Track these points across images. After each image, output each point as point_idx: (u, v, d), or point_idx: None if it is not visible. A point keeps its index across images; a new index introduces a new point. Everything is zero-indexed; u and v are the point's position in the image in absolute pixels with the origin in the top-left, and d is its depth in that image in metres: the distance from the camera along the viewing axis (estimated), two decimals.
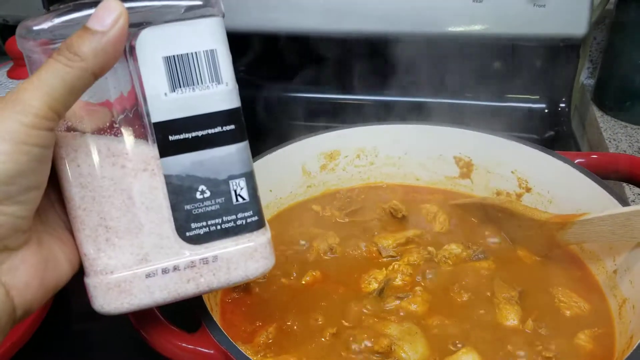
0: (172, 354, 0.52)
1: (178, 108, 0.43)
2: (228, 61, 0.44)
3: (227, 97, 0.44)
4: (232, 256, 0.46)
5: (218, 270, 0.46)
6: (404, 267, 0.66)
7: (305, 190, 0.80)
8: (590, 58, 1.20)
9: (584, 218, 0.61)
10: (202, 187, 0.45)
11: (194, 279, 0.46)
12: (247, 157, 0.46)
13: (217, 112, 0.44)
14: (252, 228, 0.47)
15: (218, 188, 0.45)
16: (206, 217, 0.45)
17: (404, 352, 0.56)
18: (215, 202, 0.45)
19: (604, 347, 0.58)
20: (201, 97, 0.43)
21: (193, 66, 0.43)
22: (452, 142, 0.78)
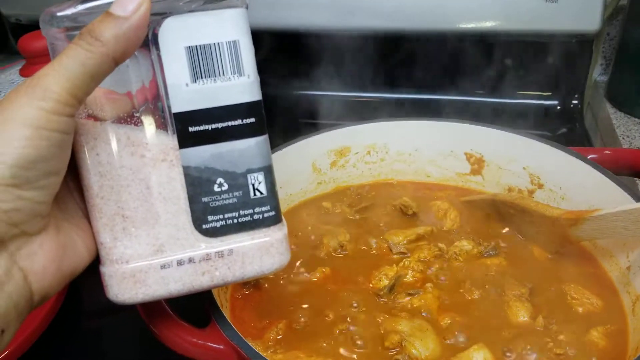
0: (182, 349, 0.52)
1: (199, 99, 0.43)
2: (250, 53, 0.44)
3: (249, 89, 0.44)
4: (247, 250, 0.46)
5: (233, 264, 0.46)
6: (415, 264, 0.66)
7: (316, 187, 0.80)
8: (604, 54, 1.19)
9: (596, 214, 0.60)
10: (220, 179, 0.44)
11: (209, 272, 0.46)
12: (267, 151, 0.46)
13: (237, 105, 0.43)
14: (269, 223, 0.46)
15: (236, 181, 0.45)
16: (223, 210, 0.45)
17: (414, 348, 0.56)
18: (233, 196, 0.45)
19: (617, 344, 0.57)
20: (222, 88, 0.43)
21: (215, 57, 0.42)
22: (463, 138, 0.78)
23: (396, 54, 1.11)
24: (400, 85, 1.14)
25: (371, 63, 1.13)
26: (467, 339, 0.57)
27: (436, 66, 1.11)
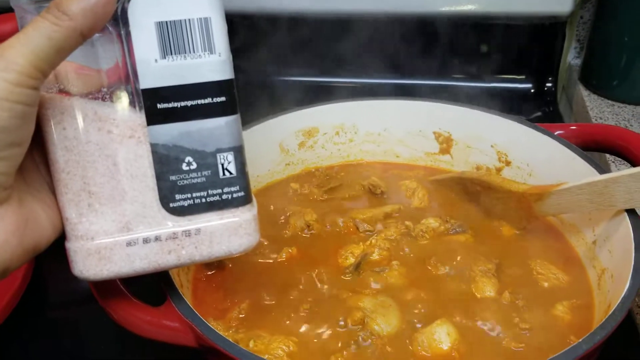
0: (137, 328, 0.51)
1: (168, 75, 0.42)
2: (222, 31, 0.43)
3: (220, 67, 0.43)
4: (215, 230, 0.45)
5: (200, 243, 0.46)
6: (381, 242, 0.65)
7: (284, 169, 0.79)
8: (578, 38, 1.19)
9: (561, 187, 0.60)
10: (188, 158, 0.44)
11: (175, 250, 0.45)
12: (237, 131, 0.45)
13: (208, 83, 0.43)
14: (237, 203, 0.46)
15: (205, 160, 0.44)
16: (191, 189, 0.44)
17: (376, 324, 0.55)
18: (202, 175, 0.44)
19: (583, 318, 0.57)
20: (192, 66, 0.42)
21: (186, 33, 0.42)
22: (432, 117, 0.77)
23: (369, 38, 1.10)
24: (373, 69, 1.13)
25: (345, 47, 1.12)
26: (431, 314, 0.57)
27: (409, 50, 1.10)
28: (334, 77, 1.16)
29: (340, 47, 1.12)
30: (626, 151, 0.64)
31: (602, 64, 1.07)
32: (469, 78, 1.12)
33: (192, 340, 0.50)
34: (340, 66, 1.15)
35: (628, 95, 1.05)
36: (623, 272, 0.53)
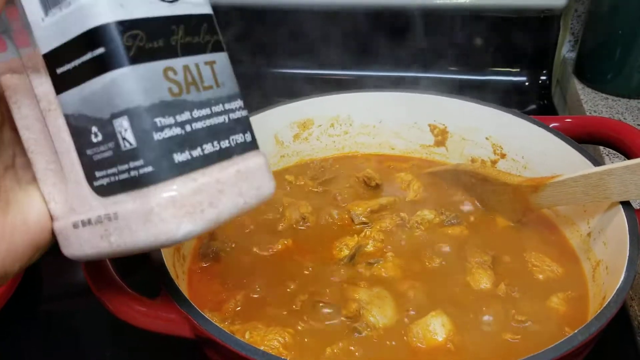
0: (132, 319, 0.51)
1: (55, 34, 0.36)
2: None
3: (91, 12, 0.35)
4: (130, 215, 0.37)
5: (122, 230, 0.38)
6: (376, 234, 0.65)
7: (279, 160, 0.78)
8: (572, 31, 1.19)
9: (556, 180, 0.60)
10: (94, 127, 0.37)
11: (105, 236, 0.39)
12: (133, 89, 0.36)
13: (86, 33, 0.35)
14: (145, 182, 0.36)
15: (105, 129, 0.37)
16: (104, 165, 0.38)
17: (372, 316, 0.55)
18: (108, 147, 0.37)
19: (578, 309, 0.57)
20: (69, 17, 0.36)
21: None
22: (427, 110, 0.77)
23: (365, 31, 1.10)
24: (369, 62, 1.13)
25: (339, 40, 1.12)
26: (426, 306, 0.57)
27: (404, 43, 1.10)
28: (326, 70, 1.16)
29: (333, 39, 1.11)
30: (620, 144, 0.64)
31: (596, 58, 1.07)
32: (464, 71, 1.12)
33: (188, 331, 0.50)
34: (333, 59, 1.15)
35: (622, 89, 1.05)
36: (617, 264, 0.53)
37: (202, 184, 0.38)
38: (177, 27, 0.38)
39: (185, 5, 0.39)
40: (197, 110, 0.38)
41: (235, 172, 0.40)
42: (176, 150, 0.37)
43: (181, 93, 0.38)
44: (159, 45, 0.37)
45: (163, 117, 0.37)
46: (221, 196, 0.39)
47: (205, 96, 0.39)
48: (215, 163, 0.39)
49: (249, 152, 0.41)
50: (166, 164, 0.36)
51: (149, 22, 0.37)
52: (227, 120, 0.40)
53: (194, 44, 0.39)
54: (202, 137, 0.38)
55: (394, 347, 0.54)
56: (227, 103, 0.40)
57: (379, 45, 1.11)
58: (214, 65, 0.40)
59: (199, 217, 0.37)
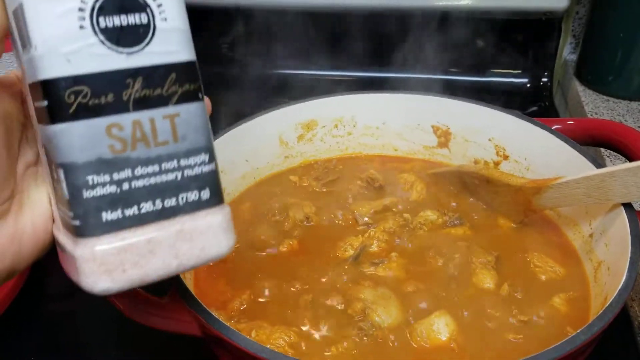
0: (142, 318, 0.51)
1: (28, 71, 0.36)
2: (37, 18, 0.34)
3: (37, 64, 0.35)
4: (68, 254, 0.38)
5: (66, 263, 0.39)
6: (380, 234, 0.66)
7: (283, 161, 0.79)
8: (573, 33, 1.20)
9: (559, 182, 0.60)
10: (52, 166, 0.37)
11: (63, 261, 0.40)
12: (68, 145, 0.35)
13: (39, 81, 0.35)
14: (75, 232, 0.37)
15: (55, 173, 0.37)
16: (57, 199, 0.38)
17: (377, 315, 0.56)
18: (57, 187, 0.37)
19: (579, 310, 0.58)
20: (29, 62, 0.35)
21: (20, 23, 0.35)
22: (430, 111, 0.78)
23: (367, 32, 1.11)
24: (372, 63, 1.14)
25: (343, 41, 1.13)
26: (430, 306, 0.57)
27: (407, 44, 1.10)
28: (331, 71, 1.16)
29: (337, 40, 1.12)
30: (622, 146, 0.65)
31: (598, 60, 1.08)
32: (466, 72, 1.13)
33: (197, 330, 0.51)
34: (336, 59, 1.15)
35: (623, 91, 1.06)
36: (619, 265, 0.54)
37: (128, 244, 0.37)
38: (134, 80, 0.36)
39: (150, 56, 0.37)
40: (142, 168, 0.37)
41: (175, 232, 0.38)
42: (106, 209, 0.36)
43: (125, 150, 0.36)
44: (107, 100, 0.36)
45: (97, 175, 0.36)
46: (150, 257, 0.38)
47: (156, 152, 0.37)
48: (152, 222, 0.38)
49: (202, 211, 0.39)
50: (93, 222, 0.36)
51: (98, 76, 0.35)
52: (180, 177, 0.38)
53: (153, 96, 0.37)
54: (141, 195, 0.37)
55: (398, 347, 0.54)
56: (185, 159, 0.38)
57: (381, 46, 1.12)
58: (177, 118, 0.38)
59: (118, 276, 0.37)
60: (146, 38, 0.36)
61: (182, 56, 0.38)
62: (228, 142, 0.71)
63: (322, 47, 1.12)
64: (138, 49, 0.36)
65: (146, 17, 0.36)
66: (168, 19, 0.37)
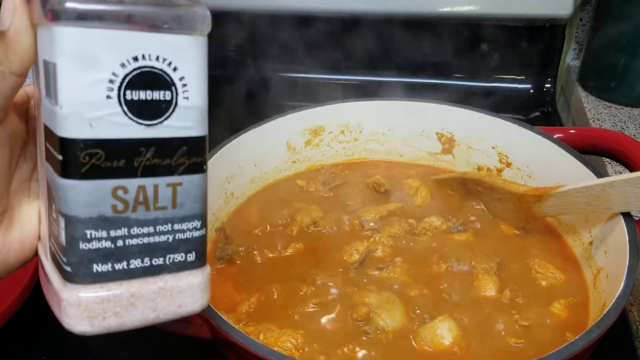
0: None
1: (46, 115, 0.38)
2: (68, 82, 0.36)
3: (60, 122, 0.36)
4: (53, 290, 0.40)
5: (49, 295, 0.42)
6: (385, 239, 0.67)
7: (291, 166, 0.81)
8: (577, 39, 1.21)
9: (560, 190, 0.62)
10: (52, 205, 0.39)
11: (45, 288, 0.43)
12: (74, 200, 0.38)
13: (54, 134, 0.37)
14: (64, 276, 0.39)
15: (55, 215, 0.39)
16: (52, 236, 0.41)
17: (382, 319, 0.57)
18: (54, 227, 0.40)
19: (579, 315, 0.59)
20: (53, 112, 0.37)
21: (49, 76, 0.37)
22: (435, 118, 0.79)
23: (371, 38, 1.12)
24: (377, 68, 1.15)
25: (350, 46, 1.14)
26: (433, 311, 0.59)
27: (411, 50, 1.12)
28: (336, 75, 1.18)
29: (342, 46, 1.14)
30: (623, 156, 0.66)
31: (600, 66, 1.09)
32: (470, 78, 1.14)
33: (206, 333, 0.52)
34: (341, 65, 1.17)
35: (625, 97, 1.07)
36: (618, 272, 0.55)
37: (113, 295, 0.39)
38: (147, 149, 0.38)
39: (167, 129, 0.39)
40: (138, 228, 0.39)
41: (157, 289, 0.41)
42: (98, 262, 0.38)
43: (126, 211, 0.38)
44: (118, 165, 0.38)
45: (95, 231, 0.38)
46: (130, 309, 0.40)
47: (154, 215, 0.39)
48: (138, 277, 0.40)
49: (185, 272, 0.42)
50: (83, 271, 0.38)
51: (114, 143, 0.37)
52: (171, 240, 0.41)
53: (162, 166, 0.39)
54: (132, 252, 0.39)
55: (402, 350, 0.56)
56: (179, 224, 0.41)
57: (387, 52, 1.13)
58: (179, 187, 0.40)
59: (98, 323, 0.39)
60: (166, 113, 0.39)
61: (195, 132, 0.40)
62: (237, 147, 0.72)
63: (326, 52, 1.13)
64: (157, 122, 0.38)
65: (170, 94, 0.38)
66: (190, 97, 0.39)
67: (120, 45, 0.36)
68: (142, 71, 0.37)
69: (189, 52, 0.39)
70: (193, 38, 0.39)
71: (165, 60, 0.38)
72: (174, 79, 0.38)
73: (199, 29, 0.39)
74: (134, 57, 0.37)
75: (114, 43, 0.36)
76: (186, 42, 0.38)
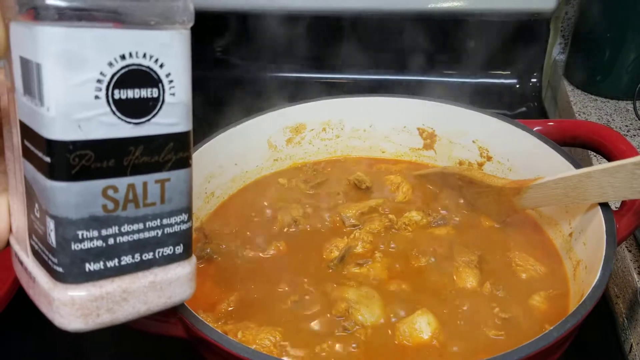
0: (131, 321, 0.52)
1: (26, 113, 0.38)
2: (56, 83, 0.35)
3: (47, 123, 0.36)
4: (41, 289, 0.40)
5: (35, 293, 0.42)
6: (365, 235, 0.67)
7: (272, 164, 0.80)
8: (563, 34, 1.21)
9: (538, 182, 0.62)
10: (37, 204, 0.39)
11: (29, 285, 0.43)
12: (64, 202, 0.37)
13: (39, 136, 0.37)
14: (55, 277, 0.39)
15: (42, 215, 0.39)
16: (37, 235, 0.40)
17: (360, 314, 0.57)
18: (40, 228, 0.39)
19: (558, 307, 0.59)
20: (34, 111, 0.37)
21: (31, 75, 0.36)
22: (416, 114, 0.79)
23: (357, 35, 1.12)
24: (361, 65, 1.15)
25: (333, 44, 1.14)
26: (413, 305, 0.58)
27: (396, 46, 1.12)
28: (320, 73, 1.18)
29: (328, 44, 1.14)
30: (602, 147, 0.66)
31: (586, 60, 1.09)
32: (455, 74, 1.14)
33: (182, 332, 0.52)
34: (327, 62, 1.17)
35: (610, 91, 1.07)
36: (595, 263, 0.55)
37: (105, 292, 0.40)
38: (136, 147, 0.39)
39: (154, 126, 0.39)
40: (128, 225, 0.40)
41: (148, 283, 0.42)
42: (90, 261, 0.39)
43: (116, 209, 0.39)
44: (108, 165, 0.38)
45: (87, 231, 0.38)
46: (123, 304, 0.41)
47: (143, 212, 0.40)
48: (129, 273, 0.41)
49: (174, 264, 0.43)
50: (76, 271, 0.39)
51: (104, 143, 0.37)
52: (160, 234, 0.42)
53: (151, 163, 0.40)
54: (123, 249, 0.40)
55: (381, 345, 0.55)
56: (167, 218, 0.42)
57: (372, 48, 1.13)
58: (167, 182, 0.41)
59: (92, 320, 0.40)
60: (154, 110, 0.39)
61: (181, 127, 0.41)
62: (217, 146, 0.72)
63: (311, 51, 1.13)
64: (145, 120, 0.39)
65: (157, 91, 0.39)
66: (176, 93, 0.40)
67: (108, 44, 0.36)
68: (129, 69, 0.37)
69: (174, 47, 0.39)
70: (178, 32, 0.39)
71: (152, 57, 0.38)
72: (160, 76, 0.39)
73: (183, 22, 0.39)
74: (122, 55, 0.37)
75: (101, 42, 0.36)
76: (171, 37, 0.39)
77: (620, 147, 0.63)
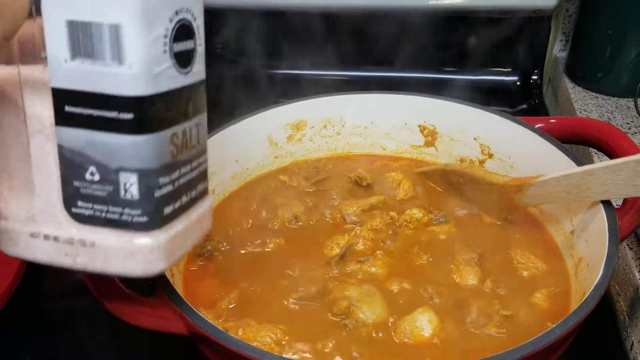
0: (130, 317, 0.53)
1: (77, 79, 0.39)
2: (139, 41, 0.38)
3: (129, 81, 0.38)
4: (110, 248, 0.43)
5: (95, 256, 0.43)
6: (366, 232, 0.67)
7: (273, 161, 0.80)
8: (564, 30, 1.21)
9: (540, 180, 0.61)
10: (92, 168, 0.41)
11: (71, 255, 0.44)
12: (149, 153, 0.41)
13: (114, 96, 0.39)
14: (137, 228, 0.42)
15: (108, 176, 0.41)
16: (93, 200, 0.42)
17: (362, 312, 0.57)
18: (104, 189, 0.41)
19: (560, 305, 0.59)
20: (101, 73, 0.38)
21: (95, 38, 0.38)
22: (417, 111, 0.79)
23: (357, 32, 1.12)
24: (361, 63, 1.15)
25: (335, 41, 1.14)
26: (414, 302, 0.58)
27: (397, 43, 1.11)
28: (322, 70, 1.17)
29: (328, 40, 1.13)
30: (604, 144, 0.66)
31: (587, 57, 1.09)
32: (456, 71, 1.14)
33: (183, 329, 0.52)
34: (328, 59, 1.16)
35: (612, 88, 1.07)
36: (597, 261, 0.55)
37: (176, 232, 0.44)
38: (187, 95, 0.43)
39: (194, 75, 0.43)
40: (184, 168, 0.44)
41: (196, 217, 0.47)
42: (166, 204, 0.43)
43: (178, 155, 0.43)
44: (173, 114, 0.42)
45: (164, 177, 0.42)
46: (187, 239, 0.46)
47: (190, 154, 0.45)
48: (186, 211, 0.46)
49: (204, 197, 0.49)
50: (158, 217, 0.42)
51: (170, 94, 0.41)
52: (197, 173, 0.46)
53: (194, 108, 0.44)
54: (182, 190, 0.45)
55: (382, 343, 0.55)
56: (200, 158, 0.47)
57: (371, 46, 1.13)
58: (200, 126, 0.46)
59: (171, 259, 0.44)
60: (193, 60, 0.43)
61: (204, 74, 0.45)
62: (218, 143, 0.72)
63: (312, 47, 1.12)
64: (189, 70, 0.43)
65: (193, 43, 0.43)
66: (201, 43, 0.44)
67: (169, 1, 0.40)
68: (181, 24, 0.41)
69: (201, 1, 0.43)
70: None
71: (189, 11, 0.42)
72: (194, 28, 0.43)
73: None
74: (176, 10, 0.40)
75: None
76: None
77: (622, 144, 0.63)
